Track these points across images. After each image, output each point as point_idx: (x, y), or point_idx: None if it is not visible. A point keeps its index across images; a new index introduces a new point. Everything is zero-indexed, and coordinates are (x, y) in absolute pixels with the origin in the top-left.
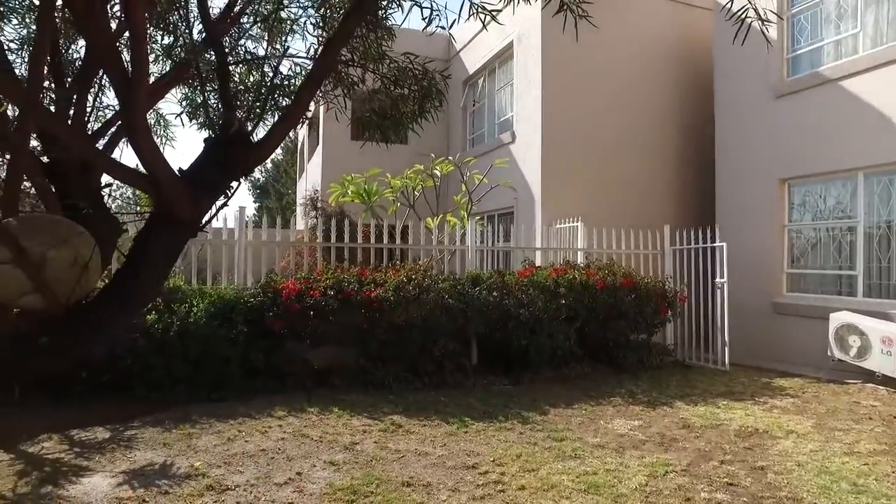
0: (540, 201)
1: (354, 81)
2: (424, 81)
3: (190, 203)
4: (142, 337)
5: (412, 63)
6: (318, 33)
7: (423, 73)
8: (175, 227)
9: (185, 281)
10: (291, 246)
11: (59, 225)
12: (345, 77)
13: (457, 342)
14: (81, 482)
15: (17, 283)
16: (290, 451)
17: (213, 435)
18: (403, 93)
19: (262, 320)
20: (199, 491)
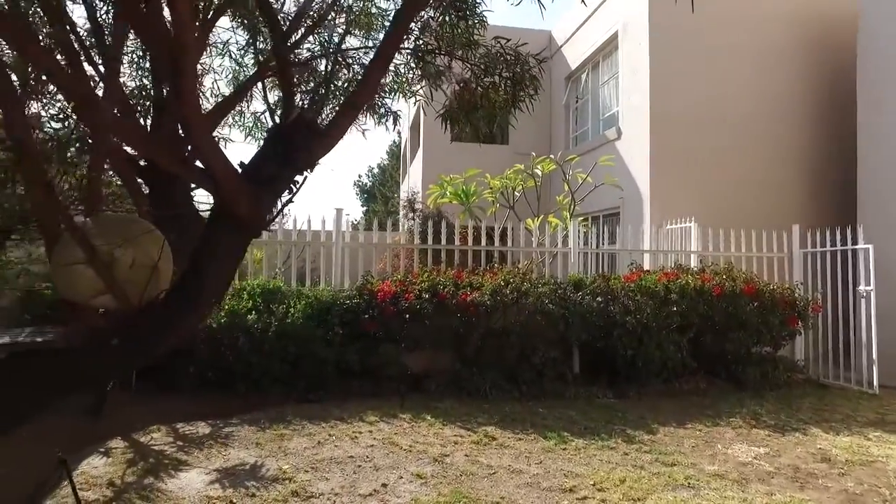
0: (648, 200)
1: (440, 71)
2: (517, 67)
3: (249, 199)
4: (243, 336)
5: (503, 48)
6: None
7: (516, 59)
8: (236, 226)
9: (284, 282)
10: (388, 248)
11: (129, 224)
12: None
13: (558, 350)
14: (178, 476)
15: (90, 283)
16: (378, 460)
17: (304, 437)
18: (494, 81)
19: (358, 322)
20: (283, 496)
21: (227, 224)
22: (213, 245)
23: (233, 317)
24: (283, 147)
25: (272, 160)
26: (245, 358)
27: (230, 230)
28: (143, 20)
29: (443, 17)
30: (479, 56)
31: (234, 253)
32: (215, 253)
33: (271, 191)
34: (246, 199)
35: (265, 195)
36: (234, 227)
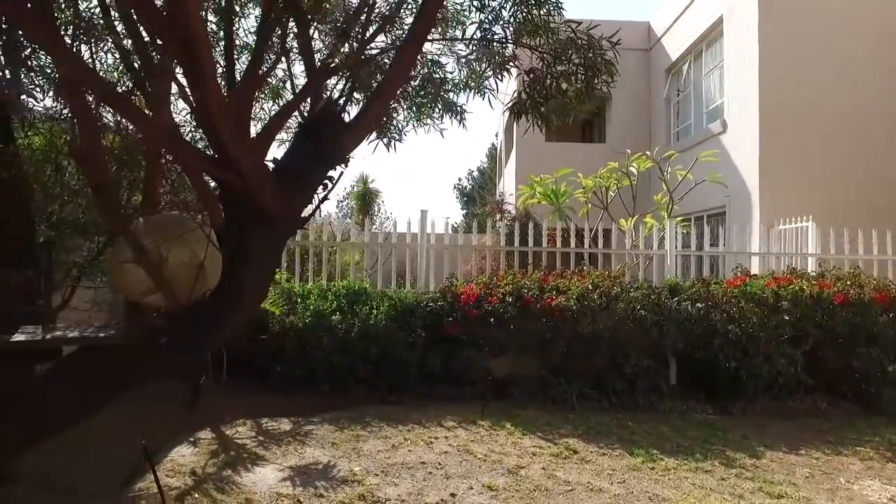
0: (758, 198)
1: (504, 61)
2: (590, 52)
3: (278, 196)
4: (327, 336)
5: (575, 32)
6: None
7: (588, 44)
8: (269, 224)
9: (370, 284)
10: (474, 250)
11: (177, 225)
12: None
13: (651, 359)
14: (254, 471)
15: (141, 282)
16: (450, 468)
17: (379, 440)
18: (566, 69)
19: (441, 325)
20: (349, 499)
21: (259, 222)
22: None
23: (318, 317)
24: (311, 141)
25: (301, 155)
26: (329, 357)
27: (262, 229)
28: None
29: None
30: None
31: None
32: (250, 252)
33: (302, 188)
34: (274, 196)
35: (296, 192)
36: (265, 225)
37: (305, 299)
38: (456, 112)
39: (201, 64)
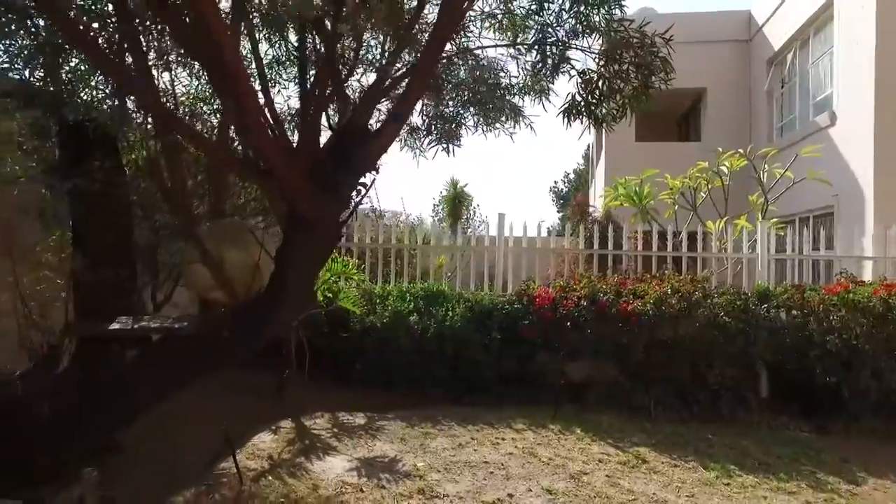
0: (871, 197)
1: (563, 61)
2: (641, 50)
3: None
4: (404, 335)
5: (627, 30)
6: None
7: (641, 42)
8: (308, 228)
9: (448, 286)
10: (553, 253)
11: (236, 229)
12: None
13: (738, 369)
14: (325, 460)
15: (206, 280)
16: (513, 469)
17: (447, 438)
18: (620, 69)
19: (516, 328)
20: (409, 492)
21: (299, 226)
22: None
23: (396, 317)
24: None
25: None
26: (406, 357)
27: (302, 232)
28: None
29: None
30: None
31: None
32: (293, 254)
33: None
34: (311, 203)
35: (330, 199)
36: (304, 228)
37: (384, 300)
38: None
39: (244, 101)
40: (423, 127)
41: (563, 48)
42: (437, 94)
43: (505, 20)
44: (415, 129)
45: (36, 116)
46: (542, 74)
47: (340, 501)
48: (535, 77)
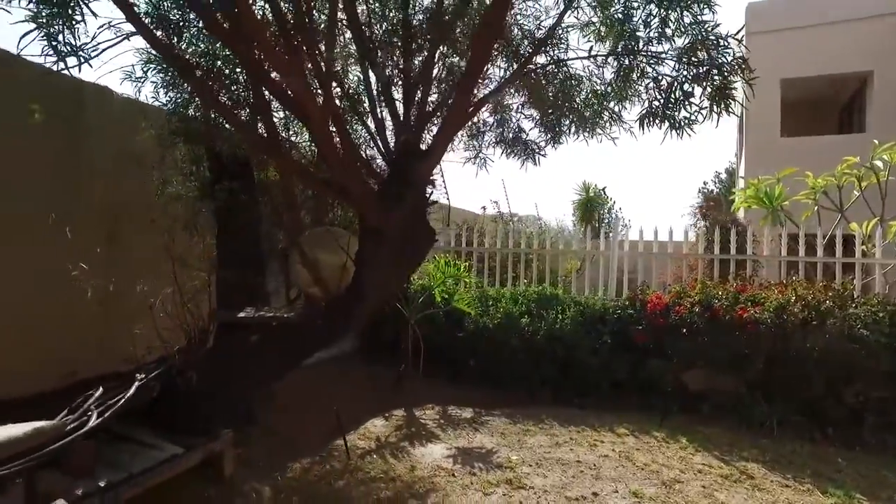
0: None
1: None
2: (714, 51)
3: (380, 214)
4: (515, 337)
5: (703, 32)
6: None
7: (716, 43)
8: (376, 236)
9: (562, 289)
10: (670, 258)
11: (328, 235)
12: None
13: (886, 389)
14: (426, 446)
15: (306, 278)
16: (604, 470)
17: (546, 436)
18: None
19: (627, 333)
20: (497, 481)
21: (369, 234)
22: (363, 251)
23: (508, 318)
24: (397, 169)
25: (393, 180)
26: (516, 357)
27: (371, 239)
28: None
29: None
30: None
31: (379, 256)
32: (365, 257)
33: (399, 206)
34: (377, 214)
35: (393, 210)
36: (373, 235)
37: (497, 302)
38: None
39: (325, 143)
40: (508, 139)
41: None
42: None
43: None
44: (500, 142)
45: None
46: (629, 80)
47: (432, 482)
48: (624, 83)
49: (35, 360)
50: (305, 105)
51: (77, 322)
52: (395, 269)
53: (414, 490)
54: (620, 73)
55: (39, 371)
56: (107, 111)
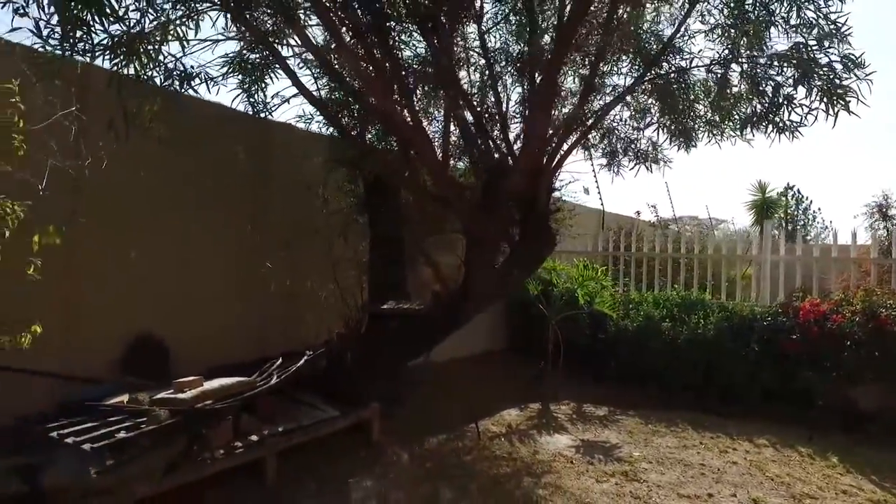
0: None
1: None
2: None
3: (476, 222)
4: (655, 340)
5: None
6: None
7: (818, 42)
8: (478, 243)
9: (708, 294)
10: (833, 263)
11: (446, 241)
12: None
13: None
14: (552, 436)
15: (429, 277)
16: (727, 476)
17: (675, 438)
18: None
19: (778, 341)
20: (612, 472)
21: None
22: (469, 254)
23: (648, 322)
24: (489, 184)
25: (488, 194)
26: (656, 361)
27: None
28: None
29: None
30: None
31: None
32: (470, 261)
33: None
34: (473, 221)
35: (489, 220)
36: (475, 241)
37: (639, 305)
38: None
39: (436, 170)
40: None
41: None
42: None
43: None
44: (615, 152)
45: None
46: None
47: (550, 465)
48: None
49: (240, 338)
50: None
51: (267, 311)
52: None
53: (532, 470)
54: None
55: (243, 346)
56: (287, 142)
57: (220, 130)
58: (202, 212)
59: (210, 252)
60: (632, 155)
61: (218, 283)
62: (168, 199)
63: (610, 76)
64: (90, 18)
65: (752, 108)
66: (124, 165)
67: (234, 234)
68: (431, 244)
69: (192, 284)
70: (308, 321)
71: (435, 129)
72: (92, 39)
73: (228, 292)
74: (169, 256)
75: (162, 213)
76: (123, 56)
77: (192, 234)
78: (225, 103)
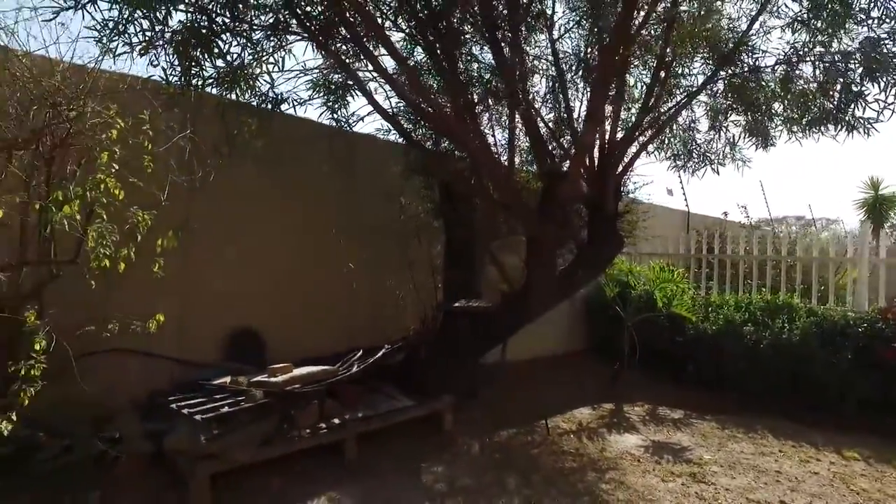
0: None
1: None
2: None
3: (534, 225)
4: (735, 344)
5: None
6: None
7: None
8: (538, 246)
9: (797, 298)
10: None
11: (511, 244)
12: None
13: None
14: (622, 435)
15: (496, 277)
16: (805, 485)
17: (751, 444)
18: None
19: (873, 349)
20: (679, 472)
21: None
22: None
23: (729, 325)
24: (545, 190)
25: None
26: (737, 365)
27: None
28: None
29: None
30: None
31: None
32: (531, 260)
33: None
34: (531, 225)
35: (549, 225)
36: (535, 246)
37: (719, 309)
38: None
39: (498, 181)
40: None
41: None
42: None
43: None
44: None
45: (424, 177)
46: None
47: (616, 462)
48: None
49: (328, 332)
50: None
51: (352, 309)
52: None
53: (597, 466)
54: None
55: (331, 340)
56: (370, 152)
57: (310, 144)
58: (294, 218)
59: (301, 255)
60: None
61: (308, 283)
62: (265, 207)
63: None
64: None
65: (821, 106)
66: (228, 178)
67: (322, 238)
68: (498, 246)
69: (285, 284)
70: (389, 318)
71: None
72: (203, 74)
73: (318, 291)
74: (266, 259)
75: (260, 220)
76: (227, 85)
77: (286, 239)
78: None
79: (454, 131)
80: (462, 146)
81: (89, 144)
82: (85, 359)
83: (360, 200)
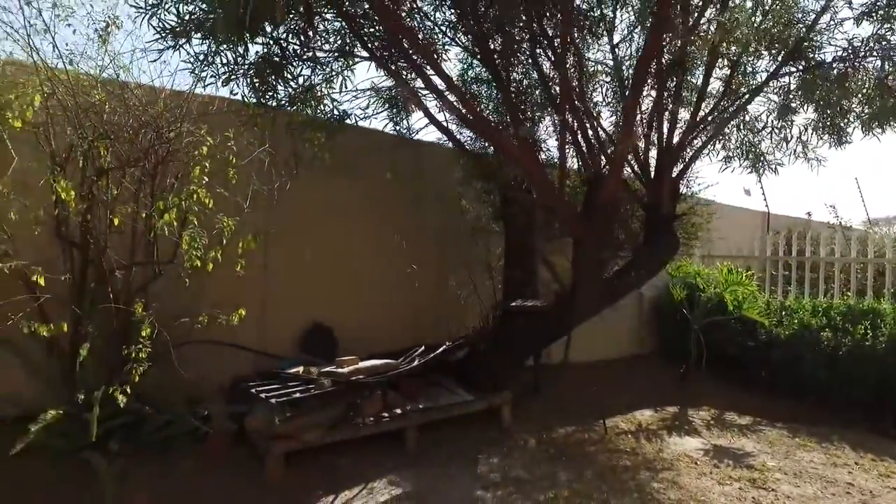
0: None
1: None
2: None
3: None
4: (811, 351)
5: None
6: None
7: None
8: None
9: (887, 303)
10: None
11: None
12: None
13: None
14: (682, 438)
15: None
16: (882, 500)
17: (824, 455)
18: None
19: None
20: (738, 477)
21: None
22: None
23: (804, 330)
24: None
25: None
26: (814, 373)
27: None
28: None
29: None
30: None
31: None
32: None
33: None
34: (576, 226)
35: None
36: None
37: (794, 314)
38: None
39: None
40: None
41: None
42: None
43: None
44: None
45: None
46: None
47: (671, 464)
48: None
49: (395, 329)
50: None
51: (417, 308)
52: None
53: (651, 465)
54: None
55: (397, 336)
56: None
57: (377, 153)
58: (363, 222)
59: (370, 256)
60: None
61: (376, 283)
62: (337, 212)
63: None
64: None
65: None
66: (303, 187)
67: (389, 241)
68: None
69: (355, 284)
70: (451, 316)
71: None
72: (277, 96)
73: (385, 291)
74: (338, 260)
75: (332, 224)
76: (299, 104)
77: (356, 241)
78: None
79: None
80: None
81: (185, 160)
82: (181, 347)
83: (424, 205)
